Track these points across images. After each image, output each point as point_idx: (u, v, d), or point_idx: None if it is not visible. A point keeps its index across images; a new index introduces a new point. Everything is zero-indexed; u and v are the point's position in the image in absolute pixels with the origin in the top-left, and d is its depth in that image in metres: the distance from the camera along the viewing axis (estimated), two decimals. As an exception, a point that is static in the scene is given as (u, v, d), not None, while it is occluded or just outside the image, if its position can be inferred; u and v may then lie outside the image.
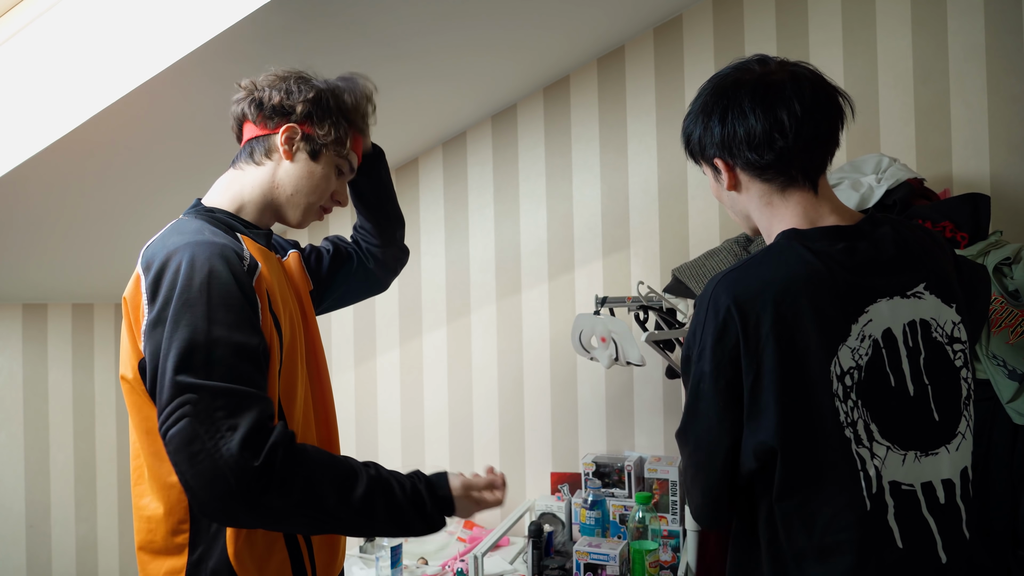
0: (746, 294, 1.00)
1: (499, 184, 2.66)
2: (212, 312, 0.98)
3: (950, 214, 1.69)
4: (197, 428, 0.94)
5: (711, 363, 1.02)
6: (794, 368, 0.98)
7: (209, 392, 0.95)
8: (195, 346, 0.96)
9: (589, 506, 2.25)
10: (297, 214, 1.23)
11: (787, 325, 0.98)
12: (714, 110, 1.07)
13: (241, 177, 1.21)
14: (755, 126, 1.03)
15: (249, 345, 1.00)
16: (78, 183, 1.88)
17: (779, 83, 1.03)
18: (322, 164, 1.22)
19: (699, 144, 1.11)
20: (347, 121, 1.24)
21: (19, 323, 2.42)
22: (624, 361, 1.92)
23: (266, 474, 0.95)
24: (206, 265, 1.01)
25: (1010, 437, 1.51)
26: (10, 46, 1.73)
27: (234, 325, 0.99)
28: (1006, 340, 1.49)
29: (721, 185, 1.12)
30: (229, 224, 1.16)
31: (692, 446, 1.08)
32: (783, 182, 1.06)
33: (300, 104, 1.19)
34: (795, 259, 1.01)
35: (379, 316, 2.81)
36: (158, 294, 1.00)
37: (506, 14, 1.96)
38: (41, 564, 2.45)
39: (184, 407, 0.95)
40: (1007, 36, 2.08)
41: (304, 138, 1.20)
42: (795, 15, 2.29)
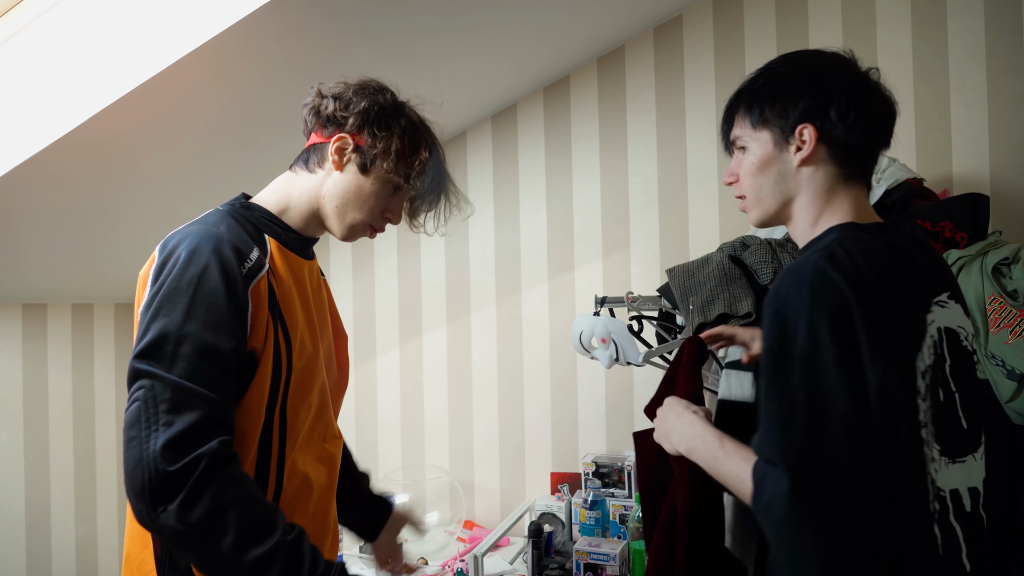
0: (854, 271, 0.92)
1: (499, 184, 2.66)
2: (192, 308, 0.99)
3: (949, 214, 1.69)
4: (140, 414, 0.95)
5: (833, 351, 0.89)
6: (896, 359, 0.94)
7: (161, 383, 0.96)
8: (165, 337, 0.97)
9: (589, 506, 2.25)
10: (341, 228, 1.19)
11: (891, 311, 0.94)
12: (820, 78, 1.03)
13: (293, 180, 1.20)
14: (864, 108, 1.02)
15: (219, 348, 0.99)
16: (78, 183, 1.88)
17: (873, 78, 1.05)
18: (372, 179, 1.16)
19: (791, 107, 1.03)
20: (405, 136, 1.17)
21: (19, 323, 2.42)
22: (624, 361, 1.92)
23: (178, 482, 0.92)
24: (202, 260, 1.01)
25: (1009, 437, 1.51)
26: (10, 46, 1.73)
27: (210, 325, 0.99)
28: (1005, 340, 1.49)
29: (783, 157, 1.05)
30: (259, 224, 1.15)
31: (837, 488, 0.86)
32: (849, 172, 1.04)
33: (354, 116, 1.15)
34: (880, 248, 0.98)
35: (379, 316, 2.81)
36: (157, 279, 1.02)
37: (506, 14, 1.96)
38: (41, 564, 2.45)
39: (138, 391, 0.96)
40: (1007, 36, 2.08)
41: (356, 149, 1.16)
42: (795, 15, 2.30)
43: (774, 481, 0.89)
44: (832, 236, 1.00)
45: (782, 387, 0.91)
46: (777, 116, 1.05)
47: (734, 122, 1.11)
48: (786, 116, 1.04)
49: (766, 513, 0.90)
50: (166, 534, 0.94)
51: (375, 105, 1.16)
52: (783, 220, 1.09)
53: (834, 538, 0.86)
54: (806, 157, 1.03)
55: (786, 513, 0.87)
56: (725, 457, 1.00)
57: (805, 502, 0.86)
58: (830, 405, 0.88)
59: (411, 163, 1.18)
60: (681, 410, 1.13)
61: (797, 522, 0.87)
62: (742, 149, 1.10)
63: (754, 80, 1.09)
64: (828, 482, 0.87)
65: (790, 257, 1.72)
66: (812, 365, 0.89)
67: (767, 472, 0.91)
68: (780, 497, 0.87)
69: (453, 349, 2.71)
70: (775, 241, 1.78)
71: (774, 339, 0.93)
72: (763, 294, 1.71)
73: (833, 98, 1.02)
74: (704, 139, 2.39)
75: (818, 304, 0.90)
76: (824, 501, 0.86)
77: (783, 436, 0.90)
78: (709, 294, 1.70)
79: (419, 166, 1.18)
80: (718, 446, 1.02)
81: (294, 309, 1.13)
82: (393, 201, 1.21)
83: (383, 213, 1.21)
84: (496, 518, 2.62)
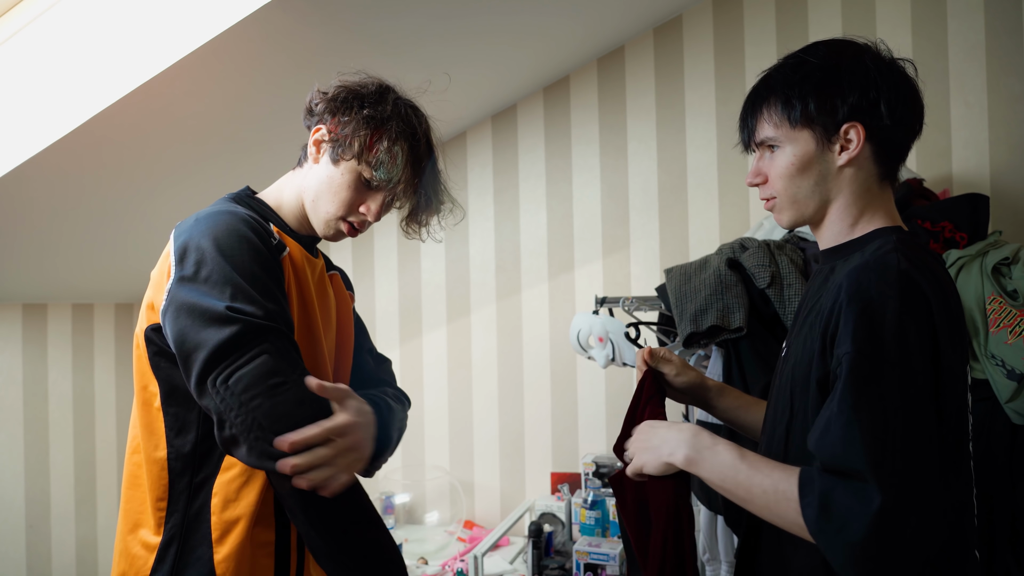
0: (931, 276, 0.88)
1: (499, 184, 2.66)
2: (241, 267, 0.98)
3: (949, 214, 1.69)
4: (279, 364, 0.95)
5: (921, 358, 0.83)
6: (961, 368, 0.91)
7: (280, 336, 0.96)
8: (239, 287, 0.96)
9: (589, 506, 2.25)
10: (318, 223, 1.15)
11: (956, 324, 0.90)
12: (878, 71, 0.95)
13: (289, 178, 1.18)
14: (911, 100, 0.97)
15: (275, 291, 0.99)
16: (78, 183, 1.88)
17: (912, 76, 0.99)
18: (341, 169, 1.10)
19: (839, 104, 0.95)
20: (371, 123, 1.09)
21: (19, 323, 2.42)
22: (620, 362, 1.92)
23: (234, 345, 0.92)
24: (236, 230, 1.00)
25: (1009, 437, 1.51)
26: (10, 46, 1.73)
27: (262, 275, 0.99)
28: (1005, 340, 1.49)
29: (826, 156, 0.97)
30: (265, 215, 1.14)
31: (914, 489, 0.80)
32: (886, 171, 0.99)
33: (325, 103, 1.11)
34: (934, 258, 0.94)
35: (379, 316, 2.81)
36: (186, 259, 0.99)
37: (506, 14, 1.96)
38: (41, 564, 2.45)
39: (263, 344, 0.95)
40: (1007, 36, 2.08)
41: (330, 139, 1.10)
42: (795, 15, 2.29)
43: (854, 496, 0.80)
44: (889, 237, 0.94)
45: (875, 392, 0.83)
46: (823, 113, 0.95)
47: (760, 118, 1.01)
48: (834, 113, 0.95)
49: (837, 532, 0.81)
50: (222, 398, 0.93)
51: (343, 90, 1.10)
52: (815, 222, 1.01)
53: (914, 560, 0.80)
54: (853, 158, 0.96)
55: (872, 532, 0.78)
56: (749, 468, 0.91)
57: (898, 520, 0.78)
58: (919, 415, 0.82)
59: (378, 153, 1.09)
60: (671, 424, 1.03)
61: (883, 541, 0.78)
62: (770, 148, 1.00)
63: (789, 72, 0.98)
64: (919, 497, 0.80)
65: (788, 259, 1.72)
66: (904, 372, 0.83)
67: (836, 485, 0.82)
68: (867, 515, 0.78)
69: (453, 349, 2.71)
70: (773, 243, 1.78)
71: (864, 340, 0.84)
72: (759, 300, 1.71)
73: (884, 93, 0.94)
74: (704, 139, 2.39)
75: (907, 308, 0.84)
76: (912, 519, 0.79)
77: (877, 444, 0.80)
78: (703, 303, 1.69)
79: (381, 155, 1.08)
80: (737, 456, 0.92)
81: (307, 292, 1.12)
82: (369, 196, 1.13)
83: (358, 207, 1.13)
84: (496, 518, 2.62)
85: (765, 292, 1.70)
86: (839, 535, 0.80)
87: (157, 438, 1.04)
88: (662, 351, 1.22)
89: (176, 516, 1.04)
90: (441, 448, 2.72)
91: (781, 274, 1.70)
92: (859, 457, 0.81)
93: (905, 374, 0.83)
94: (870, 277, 0.87)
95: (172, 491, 1.04)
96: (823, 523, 0.82)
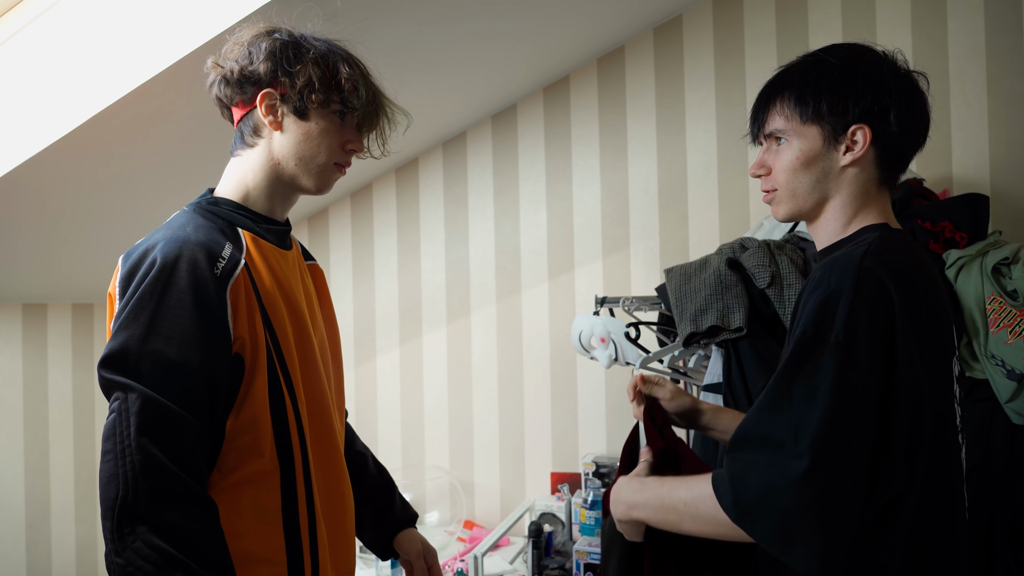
0: (901, 270, 0.90)
1: (499, 184, 2.66)
2: (154, 322, 0.96)
3: (949, 214, 1.69)
4: (115, 427, 0.93)
5: (868, 347, 0.87)
6: (938, 362, 0.92)
7: (134, 393, 0.94)
8: (126, 352, 0.95)
9: (589, 506, 2.25)
10: (312, 180, 1.13)
11: (933, 317, 0.92)
12: (892, 80, 0.98)
13: (240, 163, 1.14)
14: (920, 109, 0.99)
15: (185, 365, 0.97)
16: (78, 183, 1.88)
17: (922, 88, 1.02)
18: (314, 119, 1.09)
19: (847, 105, 0.97)
20: (320, 62, 1.09)
21: (19, 323, 2.42)
22: (623, 362, 1.92)
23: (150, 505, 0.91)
24: (168, 269, 0.98)
25: (1009, 437, 1.51)
26: (10, 46, 1.73)
27: (173, 340, 0.96)
28: (1005, 340, 1.49)
29: (830, 155, 0.99)
30: (231, 219, 1.10)
31: (833, 461, 0.84)
32: (887, 176, 1.01)
33: (262, 64, 1.07)
34: (917, 253, 0.97)
35: (379, 316, 2.81)
36: (125, 291, 0.99)
37: (506, 14, 1.96)
38: (41, 564, 2.45)
39: (114, 403, 0.94)
40: (1007, 36, 2.08)
41: (283, 99, 1.08)
42: (795, 15, 2.29)
43: (769, 469, 0.84)
44: (874, 235, 0.97)
45: (809, 372, 0.87)
46: (833, 113, 0.98)
47: (772, 110, 1.03)
48: (844, 114, 0.98)
49: (760, 505, 0.85)
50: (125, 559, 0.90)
51: (276, 44, 1.08)
52: (811, 218, 1.04)
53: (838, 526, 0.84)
54: (857, 159, 0.98)
55: (799, 496, 0.82)
56: (670, 488, 0.96)
57: (818, 487, 0.82)
58: (854, 399, 0.85)
59: (339, 84, 1.09)
60: (621, 483, 1.07)
61: (809, 504, 0.82)
62: (777, 140, 1.03)
63: (807, 69, 1.01)
64: (837, 475, 0.84)
65: (788, 259, 1.72)
66: (845, 356, 0.86)
67: (747, 465, 0.87)
68: (789, 481, 0.83)
69: (453, 349, 2.71)
70: (773, 243, 1.78)
71: (809, 324, 0.89)
72: (759, 301, 1.71)
73: (895, 101, 0.97)
74: (704, 139, 2.39)
75: (861, 298, 0.88)
76: (830, 492, 0.83)
77: (801, 419, 0.85)
78: (703, 303, 1.70)
79: (347, 84, 1.09)
80: (657, 483, 0.98)
81: (276, 303, 1.09)
82: (346, 131, 1.13)
83: (343, 146, 1.13)
84: (496, 518, 2.62)
85: (765, 292, 1.70)
86: (765, 507, 0.84)
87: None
88: (655, 377, 1.24)
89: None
90: (441, 448, 2.72)
91: (781, 274, 1.70)
92: (784, 426, 0.86)
93: (846, 358, 0.86)
94: (834, 269, 0.91)
95: None
96: (741, 504, 0.86)
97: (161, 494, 0.92)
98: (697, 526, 0.93)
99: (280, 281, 1.12)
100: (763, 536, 0.85)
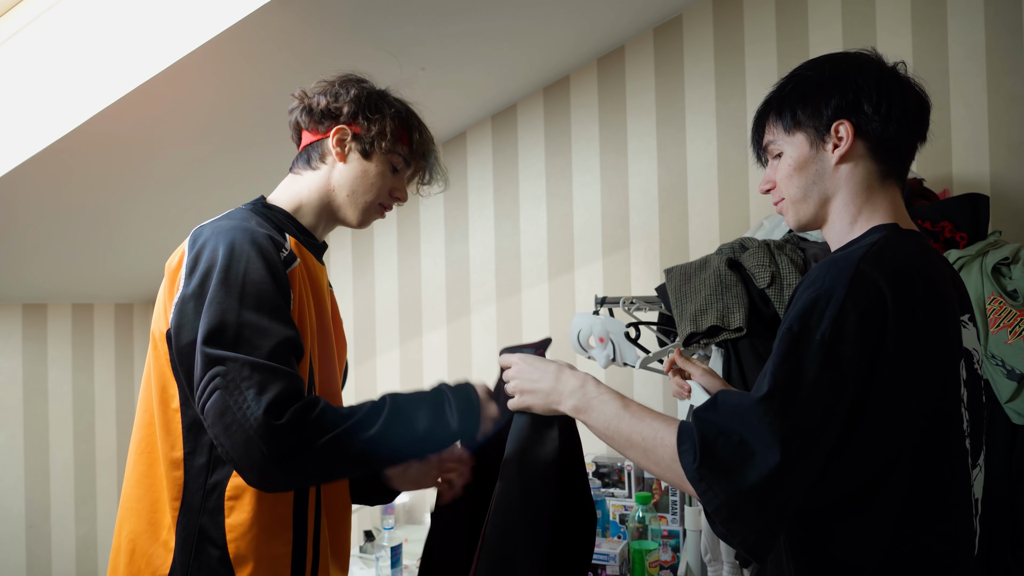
0: (900, 273, 0.91)
1: (499, 184, 2.66)
2: (245, 298, 1.02)
3: (949, 214, 1.69)
4: (227, 399, 0.97)
5: (853, 348, 0.88)
6: (940, 367, 0.93)
7: (237, 363, 0.98)
8: (225, 325, 1.00)
9: (589, 506, 2.24)
10: (356, 214, 1.25)
11: (934, 320, 0.92)
12: (861, 75, 1.01)
13: (299, 181, 1.24)
14: (906, 104, 1.00)
15: (278, 332, 1.02)
16: (78, 183, 1.88)
17: (905, 75, 1.03)
18: (375, 162, 1.23)
19: (827, 104, 1.01)
20: (397, 118, 1.24)
21: (19, 323, 2.42)
22: (621, 362, 1.92)
23: (294, 431, 0.97)
24: (244, 252, 1.04)
25: (1009, 437, 1.51)
26: (10, 46, 1.73)
27: (265, 313, 1.03)
28: (1005, 340, 1.49)
29: (819, 156, 1.02)
30: (280, 223, 1.19)
31: (800, 458, 0.86)
32: (887, 169, 1.02)
33: (347, 105, 1.21)
34: (923, 255, 0.97)
35: (379, 316, 2.81)
36: (195, 271, 1.05)
37: (506, 14, 1.96)
38: (41, 564, 2.45)
39: (215, 379, 0.98)
40: (1007, 36, 2.08)
41: (355, 138, 1.22)
42: (795, 15, 2.29)
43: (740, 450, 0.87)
44: (878, 235, 0.98)
45: (793, 366, 0.88)
46: (810, 117, 1.03)
47: (765, 131, 1.10)
48: (819, 116, 1.02)
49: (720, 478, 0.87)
50: (312, 471, 1.01)
51: (363, 92, 1.22)
52: (820, 222, 1.06)
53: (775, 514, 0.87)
54: (845, 153, 1.01)
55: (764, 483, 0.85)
56: (632, 417, 0.99)
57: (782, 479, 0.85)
58: (833, 399, 0.87)
59: (407, 142, 1.25)
60: (559, 367, 1.13)
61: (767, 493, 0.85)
62: (777, 156, 1.07)
63: (782, 87, 1.07)
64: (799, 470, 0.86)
65: (788, 259, 1.72)
66: (829, 354, 0.87)
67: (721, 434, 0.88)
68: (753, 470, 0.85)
69: (453, 349, 2.71)
70: (774, 243, 1.78)
71: (796, 318, 0.90)
72: (759, 300, 1.71)
73: (864, 92, 1.00)
74: (704, 139, 2.39)
75: (853, 298, 0.88)
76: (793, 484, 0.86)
77: (778, 411, 0.87)
78: (703, 303, 1.70)
79: (416, 144, 1.26)
80: (621, 406, 1.01)
81: (307, 311, 1.15)
82: (396, 180, 1.27)
83: (391, 192, 1.27)
84: (496, 518, 2.62)
85: (765, 292, 1.70)
86: (725, 483, 0.87)
87: (174, 438, 1.08)
88: (693, 358, 1.31)
89: (191, 516, 1.06)
90: (441, 448, 2.72)
91: (781, 274, 1.70)
92: (764, 416, 0.87)
93: (830, 356, 0.87)
94: (830, 269, 0.92)
95: (187, 490, 1.07)
96: (703, 471, 0.88)
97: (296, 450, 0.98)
98: (645, 463, 0.96)
99: (316, 289, 1.20)
100: (710, 505, 0.88)
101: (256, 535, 1.06)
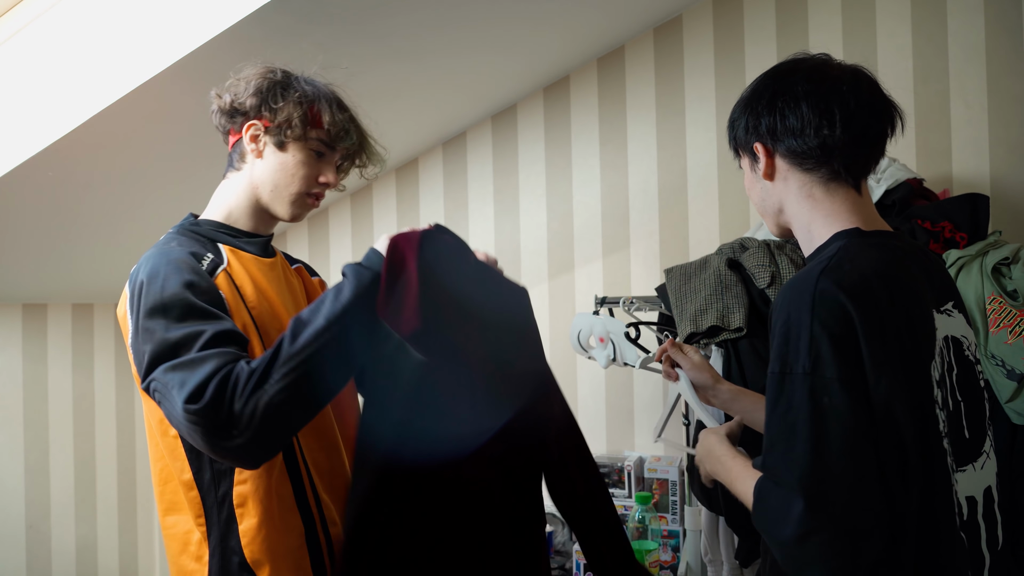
0: (859, 284, 0.91)
1: (499, 184, 2.66)
2: (168, 315, 1.03)
3: (949, 214, 1.69)
4: (166, 406, 1.00)
5: (836, 368, 0.88)
6: (912, 371, 0.93)
7: (163, 371, 0.99)
8: (159, 349, 1.01)
9: (589, 506, 2.24)
10: (284, 208, 1.22)
11: (899, 322, 0.92)
12: (763, 95, 1.04)
13: (227, 185, 1.24)
14: (805, 113, 0.99)
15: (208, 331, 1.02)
16: (78, 183, 1.89)
17: (837, 77, 1.01)
18: (292, 152, 1.19)
19: (743, 130, 1.06)
20: (303, 102, 1.19)
21: (19, 323, 2.42)
22: (621, 362, 1.92)
23: (218, 403, 0.96)
24: (159, 275, 1.05)
25: (1009, 437, 1.51)
26: (10, 46, 1.73)
27: (190, 321, 1.03)
28: (1005, 340, 1.49)
29: (757, 175, 1.06)
30: (212, 236, 1.19)
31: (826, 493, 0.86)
32: (825, 175, 1.01)
33: (249, 98, 1.18)
34: (886, 256, 0.96)
35: (379, 316, 2.81)
36: (132, 310, 1.07)
37: (506, 14, 1.96)
38: (41, 564, 2.45)
39: (155, 395, 1.01)
40: (1007, 36, 2.08)
41: (267, 131, 1.18)
42: (795, 15, 2.29)
43: (780, 500, 0.88)
44: (837, 244, 0.98)
45: (785, 407, 0.90)
46: (739, 142, 1.09)
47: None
48: (742, 140, 1.08)
49: (770, 530, 0.89)
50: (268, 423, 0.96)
51: (264, 83, 1.18)
52: (788, 231, 1.09)
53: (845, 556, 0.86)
54: (767, 172, 1.05)
55: (798, 534, 0.85)
56: (735, 478, 1.01)
57: (818, 525, 0.85)
58: (833, 424, 0.87)
59: (320, 124, 1.20)
60: (703, 437, 1.14)
61: (806, 544, 0.85)
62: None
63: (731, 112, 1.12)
64: (833, 503, 0.85)
65: (788, 259, 1.72)
66: (814, 383, 0.88)
67: (770, 491, 0.90)
68: (792, 519, 0.86)
69: (453, 349, 2.71)
70: (773, 243, 1.78)
71: (775, 359, 0.92)
72: (759, 300, 1.71)
73: (763, 112, 1.03)
74: (704, 139, 2.39)
75: (819, 321, 0.89)
76: (832, 520, 0.85)
77: (787, 456, 0.88)
78: (703, 303, 1.70)
79: (330, 125, 1.20)
80: (726, 469, 1.04)
81: (260, 303, 1.16)
82: (323, 166, 1.23)
83: (317, 179, 1.22)
84: (496, 518, 2.62)
85: (765, 292, 1.70)
86: (771, 534, 0.89)
87: (180, 462, 1.12)
88: (687, 348, 1.34)
89: (216, 528, 1.11)
90: (441, 448, 2.72)
91: (781, 274, 1.70)
92: (776, 466, 0.90)
93: (814, 386, 0.88)
94: (791, 294, 0.94)
95: (206, 506, 1.11)
96: (761, 522, 0.91)
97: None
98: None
99: (261, 285, 1.19)
100: (779, 554, 0.90)
101: (267, 535, 1.09)
